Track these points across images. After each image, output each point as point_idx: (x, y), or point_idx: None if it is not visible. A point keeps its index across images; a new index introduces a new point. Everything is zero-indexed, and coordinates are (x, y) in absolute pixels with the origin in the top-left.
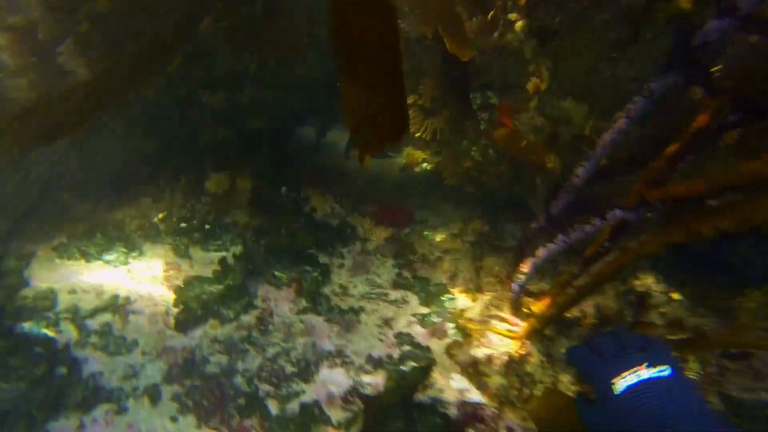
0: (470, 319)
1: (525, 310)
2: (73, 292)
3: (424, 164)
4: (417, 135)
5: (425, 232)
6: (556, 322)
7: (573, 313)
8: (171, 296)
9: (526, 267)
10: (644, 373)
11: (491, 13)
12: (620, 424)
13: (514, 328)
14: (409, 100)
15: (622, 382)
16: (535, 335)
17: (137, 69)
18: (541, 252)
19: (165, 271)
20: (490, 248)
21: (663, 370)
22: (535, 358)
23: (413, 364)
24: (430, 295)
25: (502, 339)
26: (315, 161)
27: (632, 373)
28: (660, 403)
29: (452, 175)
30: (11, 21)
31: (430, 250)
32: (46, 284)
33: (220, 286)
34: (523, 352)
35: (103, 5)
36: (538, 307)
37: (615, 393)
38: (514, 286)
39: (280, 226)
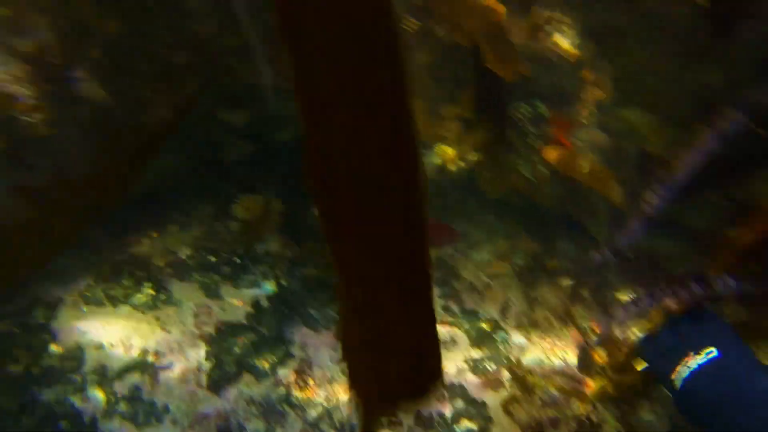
0: (529, 370)
1: (597, 360)
2: (100, 347)
3: (461, 163)
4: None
5: (472, 254)
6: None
7: None
8: (203, 347)
9: (598, 326)
10: (692, 362)
11: (541, 12)
12: (694, 420)
13: (582, 387)
14: (450, 111)
15: (677, 376)
16: (608, 399)
17: (153, 92)
18: (615, 314)
19: (195, 315)
20: (544, 273)
21: (709, 353)
22: (611, 427)
23: (468, 425)
24: (481, 333)
25: (569, 397)
26: None
27: (683, 366)
28: (714, 390)
29: (495, 189)
30: (22, 48)
31: (476, 275)
32: (73, 339)
33: (254, 336)
34: (595, 420)
35: (113, 28)
36: (611, 362)
37: (677, 389)
38: (581, 345)
39: (315, 255)
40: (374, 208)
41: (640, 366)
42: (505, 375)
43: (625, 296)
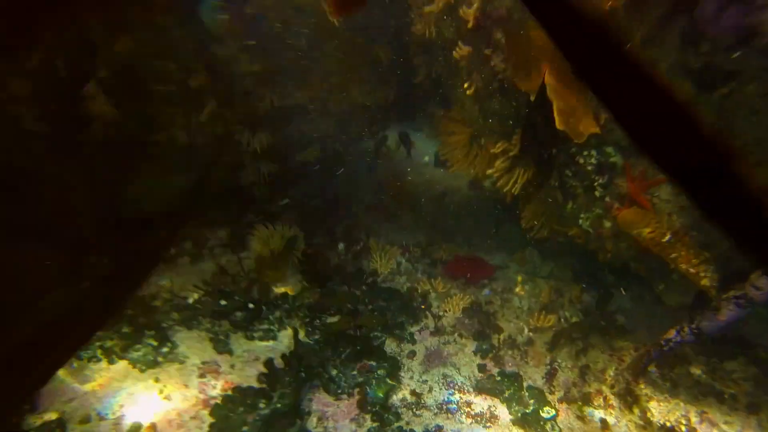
0: None
1: None
2: (86, 420)
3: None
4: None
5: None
6: None
7: None
8: (206, 420)
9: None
10: None
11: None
12: None
13: None
14: (499, 146)
15: None
16: None
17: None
18: None
19: (200, 375)
20: (598, 334)
21: None
22: None
23: None
24: (524, 407)
25: None
26: (374, 177)
27: None
28: None
29: (540, 229)
30: (30, 66)
31: (517, 326)
32: (57, 408)
33: (266, 408)
34: None
35: (123, 46)
36: None
37: None
38: None
39: (338, 303)
40: None
41: None
42: None
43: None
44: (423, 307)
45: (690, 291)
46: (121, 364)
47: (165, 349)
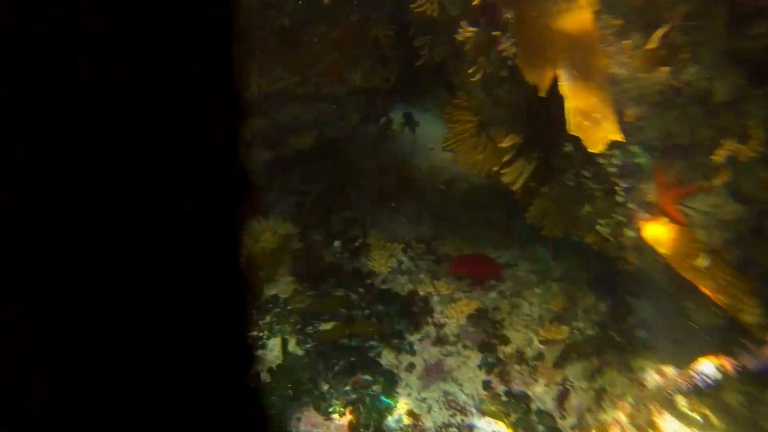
0: None
1: None
2: None
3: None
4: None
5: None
6: None
7: None
8: None
9: None
10: None
11: (661, 31)
12: None
13: None
14: (506, 141)
15: None
16: None
17: None
18: None
19: None
20: (615, 351)
21: None
22: None
23: None
24: None
25: None
26: (378, 162)
27: None
28: None
29: (552, 227)
30: None
31: (526, 336)
32: None
33: None
34: None
35: None
36: None
37: None
38: None
39: (333, 308)
40: None
41: None
42: None
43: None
44: (424, 312)
45: (726, 313)
46: None
47: None
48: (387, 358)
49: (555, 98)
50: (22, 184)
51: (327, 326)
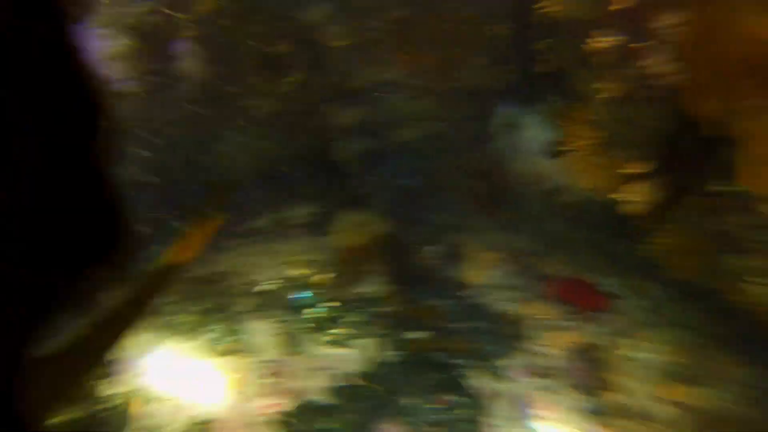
0: None
1: None
2: (147, 401)
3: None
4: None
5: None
6: None
7: None
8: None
9: None
10: None
11: None
12: None
13: None
14: (632, 168)
15: None
16: None
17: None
18: None
19: (262, 375)
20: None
21: None
22: None
23: None
24: None
25: None
26: (479, 163)
27: None
28: None
29: (682, 268)
30: (130, 20)
31: (640, 388)
32: (130, 380)
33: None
34: None
35: (207, 5)
36: None
37: None
38: None
39: (422, 317)
40: None
41: None
42: None
43: None
44: (518, 336)
45: None
46: (188, 346)
47: (233, 336)
48: (475, 380)
49: (713, 130)
50: None
51: (415, 335)
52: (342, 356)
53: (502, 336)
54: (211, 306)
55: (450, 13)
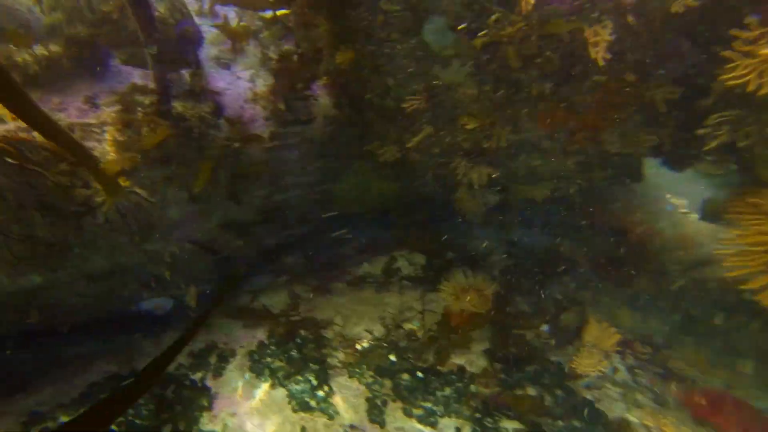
0: None
1: None
2: None
3: None
4: None
5: None
6: None
7: None
8: None
9: None
10: None
11: None
12: None
13: None
14: None
15: None
16: None
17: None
18: None
19: None
20: None
21: None
22: None
23: None
24: None
25: None
26: (614, 220)
27: None
28: None
29: None
30: (274, 57)
31: None
32: (224, 419)
33: None
34: None
35: (344, 57)
36: None
37: None
38: None
39: (522, 406)
40: None
41: None
42: None
43: None
44: None
45: None
46: (280, 393)
47: (321, 393)
48: None
49: None
50: None
51: (508, 425)
52: None
53: None
54: (304, 355)
55: (609, 74)
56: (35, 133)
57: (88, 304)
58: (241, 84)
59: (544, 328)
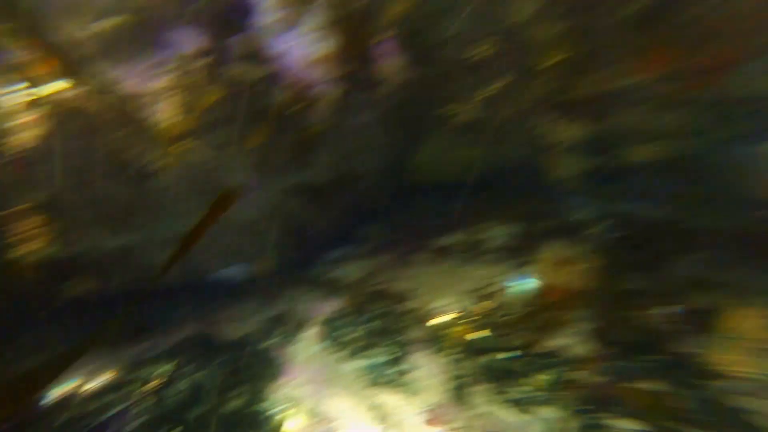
0: None
1: None
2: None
3: None
4: None
5: None
6: None
7: None
8: None
9: None
10: None
11: None
12: None
13: None
14: None
15: None
16: None
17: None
18: None
19: (426, 422)
20: None
21: None
22: None
23: None
24: None
25: None
26: (746, 191)
27: None
28: None
29: None
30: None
31: None
32: (292, 388)
33: None
34: None
35: (401, 8)
36: None
37: None
38: None
39: (638, 402)
40: None
41: None
42: None
43: None
44: None
45: None
46: (350, 367)
47: (398, 367)
48: None
49: None
50: None
51: (624, 424)
52: (519, 424)
53: None
54: (381, 327)
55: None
56: (97, 99)
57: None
58: (302, 47)
59: (671, 310)
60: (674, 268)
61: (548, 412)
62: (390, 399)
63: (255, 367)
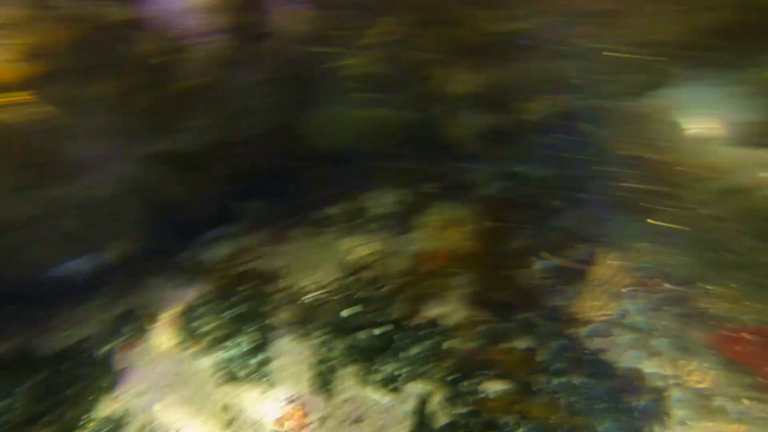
0: None
1: None
2: (143, 428)
3: None
4: None
5: None
6: None
7: None
8: None
9: None
10: None
11: None
12: None
13: None
14: None
15: None
16: None
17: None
18: None
19: (277, 419)
20: None
21: None
22: None
23: None
24: None
25: None
26: (626, 148)
27: None
28: None
29: None
30: None
31: None
32: (130, 398)
33: None
34: None
35: None
36: None
37: None
38: None
39: (510, 364)
40: None
41: None
42: None
43: None
44: (651, 413)
45: None
46: (206, 362)
47: (258, 357)
48: None
49: None
50: None
51: (492, 386)
52: (388, 406)
53: (627, 410)
54: (246, 312)
55: None
56: None
57: None
58: None
59: (542, 265)
60: (553, 225)
61: (418, 388)
62: (246, 395)
63: (82, 382)
